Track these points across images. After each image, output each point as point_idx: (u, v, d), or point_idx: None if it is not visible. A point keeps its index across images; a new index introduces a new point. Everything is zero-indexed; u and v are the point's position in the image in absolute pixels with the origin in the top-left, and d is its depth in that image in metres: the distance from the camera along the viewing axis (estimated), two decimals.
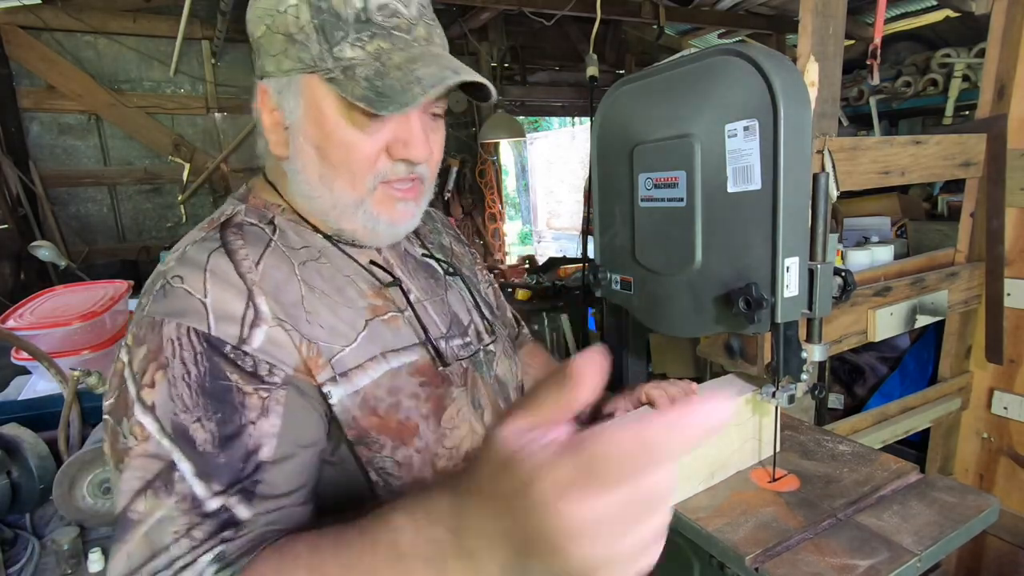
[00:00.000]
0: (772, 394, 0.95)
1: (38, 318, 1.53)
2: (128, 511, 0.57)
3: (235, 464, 0.58)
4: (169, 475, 0.57)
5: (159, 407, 0.59)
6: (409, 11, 0.68)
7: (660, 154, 0.98)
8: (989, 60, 1.54)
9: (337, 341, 0.68)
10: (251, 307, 0.64)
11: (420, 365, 0.74)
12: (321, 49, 0.65)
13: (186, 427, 0.58)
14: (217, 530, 0.56)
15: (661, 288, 1.03)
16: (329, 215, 0.73)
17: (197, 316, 0.61)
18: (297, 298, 0.67)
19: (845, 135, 1.83)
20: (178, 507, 0.56)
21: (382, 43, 0.66)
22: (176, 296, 0.63)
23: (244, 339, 0.62)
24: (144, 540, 0.56)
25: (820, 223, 0.91)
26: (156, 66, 3.82)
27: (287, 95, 0.68)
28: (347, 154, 0.68)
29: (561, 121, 10.52)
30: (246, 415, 0.60)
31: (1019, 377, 1.58)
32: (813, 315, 0.91)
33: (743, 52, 0.85)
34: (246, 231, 0.71)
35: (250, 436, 0.60)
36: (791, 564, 0.79)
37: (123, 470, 0.58)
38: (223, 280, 0.64)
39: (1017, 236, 1.54)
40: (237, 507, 0.57)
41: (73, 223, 3.74)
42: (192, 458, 0.57)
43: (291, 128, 0.70)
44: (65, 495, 1.18)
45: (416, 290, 0.81)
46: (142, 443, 0.58)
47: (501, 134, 4.33)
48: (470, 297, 0.91)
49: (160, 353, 0.60)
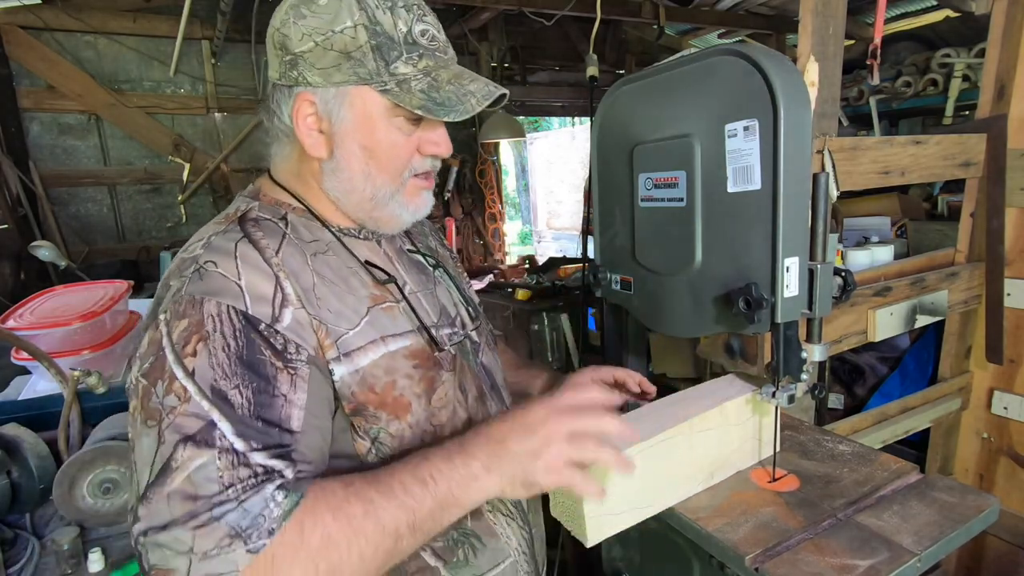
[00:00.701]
0: (772, 394, 0.95)
1: (38, 318, 1.53)
2: (171, 459, 0.62)
3: (271, 430, 0.65)
4: (210, 432, 0.63)
5: (199, 372, 0.65)
6: (441, 35, 0.82)
7: (660, 154, 0.98)
8: (989, 60, 1.54)
9: (342, 324, 0.76)
10: (279, 290, 0.73)
11: (415, 349, 0.82)
12: (378, 66, 0.76)
13: (225, 392, 0.65)
14: (266, 476, 0.63)
15: (661, 288, 1.03)
16: (364, 206, 0.84)
17: (235, 296, 0.69)
18: (310, 284, 0.76)
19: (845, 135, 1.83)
20: (221, 458, 0.62)
21: (428, 61, 0.79)
22: (213, 278, 0.70)
23: (276, 318, 0.70)
24: (187, 481, 0.61)
25: (820, 223, 0.91)
26: (156, 66, 3.82)
27: (335, 103, 0.78)
28: (392, 152, 0.81)
29: (561, 121, 10.53)
30: (278, 388, 0.67)
31: (1019, 377, 1.58)
32: (813, 315, 0.91)
33: (743, 52, 0.85)
34: (262, 225, 0.79)
35: (282, 407, 0.67)
36: (791, 564, 0.79)
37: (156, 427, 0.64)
38: (253, 266, 0.73)
39: (1017, 236, 1.54)
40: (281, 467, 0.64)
41: (73, 223, 3.74)
42: (231, 419, 0.64)
43: (337, 132, 0.79)
44: (65, 495, 1.18)
45: (411, 283, 0.90)
46: (183, 403, 0.64)
47: (501, 134, 4.34)
48: (457, 292, 0.99)
49: (202, 326, 0.67)
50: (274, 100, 0.81)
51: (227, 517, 0.60)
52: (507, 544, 0.88)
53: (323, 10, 0.75)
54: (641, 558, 1.10)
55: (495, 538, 0.87)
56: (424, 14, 0.79)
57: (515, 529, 0.90)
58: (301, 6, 0.76)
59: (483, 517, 0.86)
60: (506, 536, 0.88)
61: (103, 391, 1.42)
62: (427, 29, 0.79)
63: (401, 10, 0.77)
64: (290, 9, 0.76)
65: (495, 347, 1.04)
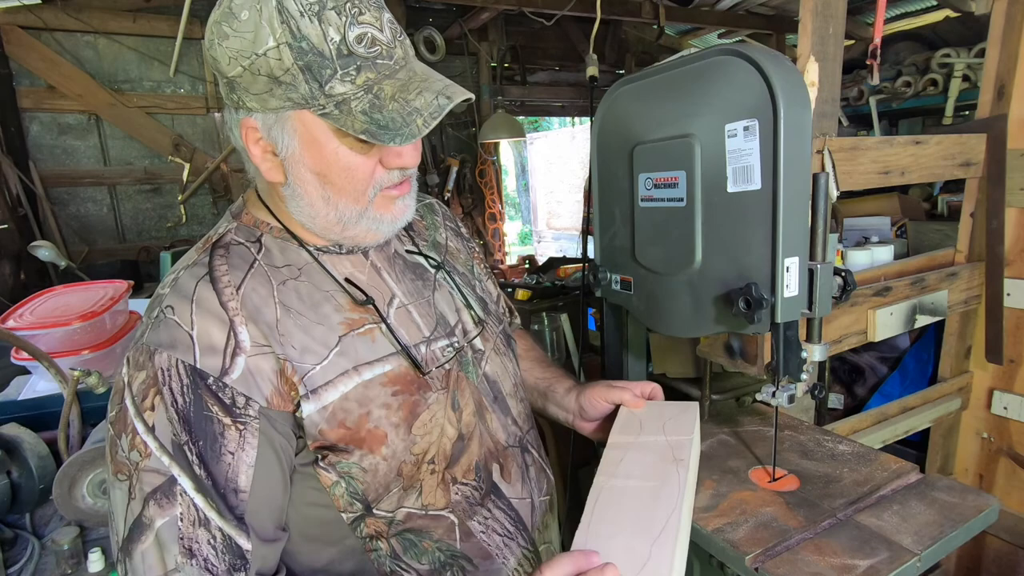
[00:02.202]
0: (772, 394, 0.95)
1: (38, 318, 1.53)
2: (141, 515, 0.64)
3: (221, 488, 0.66)
4: (171, 488, 0.64)
5: (158, 428, 0.65)
6: (384, 35, 0.69)
7: (660, 154, 0.98)
8: (989, 60, 1.54)
9: (308, 360, 0.72)
10: (232, 337, 0.69)
11: (394, 375, 0.78)
12: (311, 88, 0.67)
13: (183, 448, 0.65)
14: (230, 549, 0.65)
15: (661, 288, 1.03)
16: (332, 229, 0.78)
17: (185, 348, 0.67)
18: (274, 320, 0.72)
19: (845, 135, 1.83)
20: (183, 517, 0.64)
21: (369, 74, 0.68)
22: (168, 327, 0.69)
23: (226, 370, 0.68)
24: (155, 543, 0.64)
25: (820, 223, 0.91)
26: (156, 66, 3.82)
27: (277, 130, 0.71)
28: (349, 176, 0.73)
29: (561, 121, 10.53)
30: (226, 446, 0.67)
31: (1019, 377, 1.58)
32: (813, 315, 0.91)
33: (743, 52, 0.85)
34: (232, 252, 0.76)
35: (229, 466, 0.67)
36: (791, 564, 0.79)
37: (127, 481, 0.66)
38: (207, 310, 0.70)
39: (1017, 236, 1.54)
40: (236, 536, 0.66)
41: (73, 223, 3.73)
42: (191, 476, 0.65)
43: (287, 159, 0.72)
44: (65, 495, 1.18)
45: (401, 294, 0.85)
46: (145, 459, 0.65)
47: (501, 134, 4.33)
48: (460, 296, 0.92)
49: (156, 380, 0.66)
50: (225, 119, 0.76)
51: None
52: (504, 564, 0.85)
53: (244, 28, 0.65)
54: None
55: (489, 559, 0.83)
56: (360, 13, 0.67)
57: (514, 548, 0.86)
58: (223, 23, 0.67)
59: (473, 538, 0.83)
60: (503, 557, 0.85)
61: (103, 391, 1.42)
62: (364, 32, 0.67)
63: (331, 14, 0.65)
64: (214, 26, 0.68)
65: (507, 350, 0.98)
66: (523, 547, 0.88)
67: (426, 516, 0.80)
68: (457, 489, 0.82)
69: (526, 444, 0.94)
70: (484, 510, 0.84)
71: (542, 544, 0.92)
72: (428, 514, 0.80)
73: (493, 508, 0.85)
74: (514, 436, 0.92)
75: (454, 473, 0.82)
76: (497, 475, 0.87)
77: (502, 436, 0.89)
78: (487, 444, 0.87)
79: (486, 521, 0.84)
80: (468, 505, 0.83)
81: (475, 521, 0.83)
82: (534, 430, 0.99)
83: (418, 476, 0.79)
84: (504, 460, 0.89)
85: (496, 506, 0.86)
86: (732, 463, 1.05)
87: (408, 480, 0.78)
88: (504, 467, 0.88)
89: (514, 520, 0.87)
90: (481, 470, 0.85)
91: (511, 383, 0.95)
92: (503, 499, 0.86)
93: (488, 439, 0.87)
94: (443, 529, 0.81)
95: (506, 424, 0.91)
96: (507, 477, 0.88)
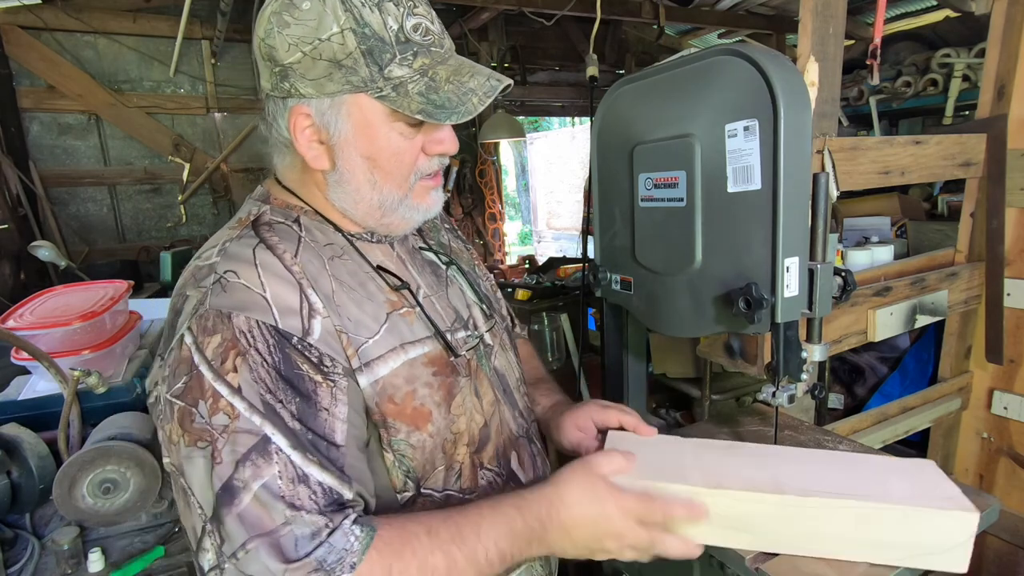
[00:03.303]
0: (772, 394, 0.95)
1: (38, 318, 1.53)
2: (232, 479, 0.62)
3: (320, 443, 0.66)
4: (266, 447, 0.63)
5: (245, 388, 0.65)
6: (436, 26, 0.76)
7: (660, 154, 0.98)
8: (989, 60, 1.54)
9: (362, 333, 0.74)
10: (304, 299, 0.71)
11: (432, 356, 0.80)
12: (371, 71, 0.71)
13: (274, 406, 0.65)
14: (330, 504, 0.64)
15: (661, 288, 1.03)
16: (372, 215, 0.81)
17: (262, 310, 0.68)
18: (329, 291, 0.74)
19: (845, 135, 1.83)
20: (282, 475, 0.63)
21: (424, 59, 0.74)
22: (237, 291, 0.69)
23: (307, 331, 0.70)
24: (255, 501, 0.62)
25: (820, 223, 0.91)
26: (156, 66, 3.82)
27: (332, 114, 0.74)
28: (397, 160, 0.77)
29: (561, 121, 10.53)
30: (320, 402, 0.68)
31: (1019, 377, 1.58)
32: (813, 315, 0.91)
33: (743, 52, 0.85)
34: (276, 228, 0.77)
35: (325, 421, 0.67)
36: (791, 564, 0.79)
37: (209, 447, 0.64)
38: (275, 274, 0.71)
39: (1017, 236, 1.54)
40: (337, 486, 0.66)
41: (73, 223, 3.74)
42: (284, 432, 0.64)
43: (337, 144, 0.76)
44: (65, 495, 1.18)
45: (424, 286, 0.88)
46: (234, 420, 0.64)
47: (501, 134, 4.33)
48: (470, 292, 0.95)
49: (236, 342, 0.66)
50: (268, 111, 0.78)
51: (316, 553, 0.61)
52: None
53: (307, 16, 0.69)
54: None
55: None
56: (415, 6, 0.73)
57: None
58: (284, 13, 0.70)
59: None
60: None
61: (103, 391, 1.42)
62: (420, 22, 0.73)
63: (390, 4, 0.71)
64: (272, 17, 0.71)
65: (511, 347, 1.00)
66: None
67: (462, 500, 0.81)
68: (483, 474, 0.85)
69: (532, 435, 0.98)
70: None
71: None
72: (465, 498, 0.82)
73: None
74: (522, 427, 0.95)
75: (481, 458, 0.85)
76: (515, 463, 0.91)
77: (513, 426, 0.93)
78: (505, 432, 0.90)
79: None
80: (492, 491, 0.85)
81: None
82: (535, 423, 1.03)
83: (457, 456, 0.82)
84: (519, 449, 0.92)
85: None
86: None
87: (450, 459, 0.81)
88: (519, 456, 0.92)
89: None
90: (502, 457, 0.88)
91: (515, 377, 0.98)
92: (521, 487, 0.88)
93: (504, 428, 0.90)
94: None
95: (515, 416, 0.94)
96: (522, 466, 0.92)
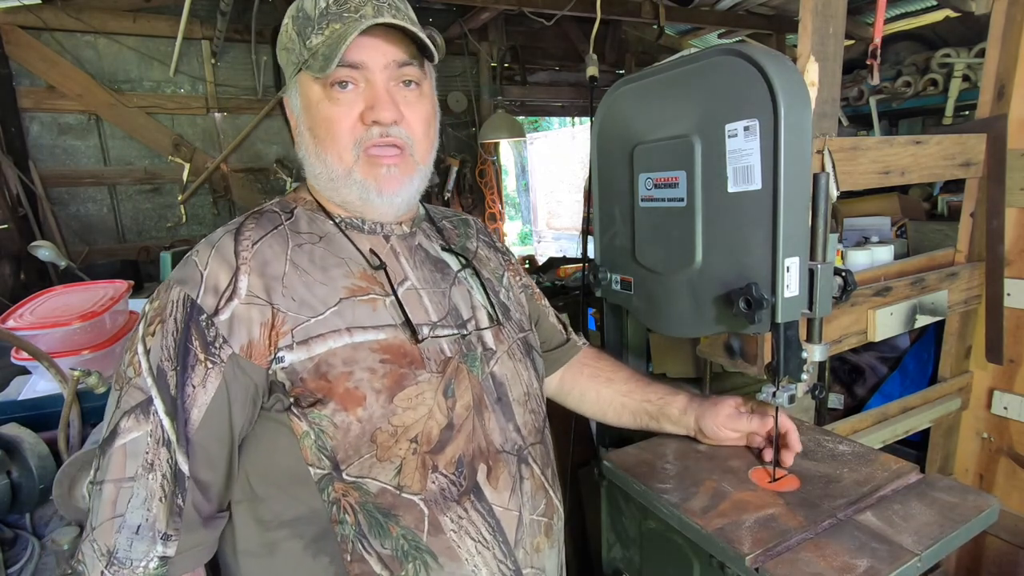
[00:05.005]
0: (772, 394, 0.95)
1: (38, 318, 1.53)
2: (119, 424, 0.74)
3: (181, 413, 0.74)
4: (148, 407, 0.73)
5: (152, 352, 0.75)
6: None
7: (660, 154, 0.98)
8: (989, 60, 1.54)
9: (304, 313, 0.78)
10: (232, 283, 0.77)
11: (387, 344, 0.81)
12: (300, 48, 0.82)
13: (165, 372, 0.74)
14: (172, 476, 0.73)
15: (661, 288, 1.04)
16: (328, 188, 0.86)
17: (193, 285, 0.76)
18: (280, 273, 0.80)
19: (845, 135, 1.83)
20: (151, 435, 0.73)
21: (335, 25, 0.80)
22: (188, 267, 0.78)
23: (218, 310, 0.75)
24: (121, 450, 0.73)
25: (820, 223, 0.91)
26: (156, 66, 3.82)
27: (292, 96, 0.86)
28: (329, 127, 0.82)
29: (561, 121, 10.53)
30: (192, 378, 0.74)
31: (1019, 377, 1.58)
32: (813, 315, 0.91)
33: (743, 52, 0.85)
34: (264, 217, 0.85)
35: (188, 396, 0.74)
36: (791, 564, 0.79)
37: (118, 392, 0.76)
38: (221, 258, 0.78)
39: (1017, 236, 1.54)
40: (180, 460, 0.73)
41: (73, 223, 3.73)
42: (164, 399, 0.73)
43: (297, 122, 0.86)
44: (65, 495, 1.18)
45: (414, 279, 0.89)
46: (136, 376, 0.75)
47: (501, 134, 4.33)
48: (480, 295, 0.95)
49: (164, 310, 0.76)
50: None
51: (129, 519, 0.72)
52: (473, 572, 0.81)
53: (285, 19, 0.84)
54: (641, 558, 1.10)
55: (456, 562, 0.80)
56: None
57: (488, 559, 0.82)
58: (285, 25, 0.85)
59: (442, 535, 0.80)
60: (472, 564, 0.81)
61: (103, 391, 1.42)
62: None
63: None
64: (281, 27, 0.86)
65: (527, 359, 0.96)
66: (500, 561, 0.83)
67: (399, 497, 0.78)
68: (435, 478, 0.80)
69: (525, 456, 0.91)
70: (460, 508, 0.81)
71: (528, 568, 0.87)
72: (402, 495, 0.78)
73: (470, 509, 0.82)
74: (513, 443, 0.89)
75: (436, 460, 0.80)
76: (482, 476, 0.84)
77: (497, 439, 0.87)
78: (478, 441, 0.85)
79: (459, 520, 0.81)
80: (443, 498, 0.80)
81: (447, 517, 0.80)
82: (542, 447, 0.95)
83: (396, 451, 0.78)
84: (494, 463, 0.86)
85: (474, 508, 0.82)
86: (732, 463, 1.05)
87: (383, 451, 0.78)
88: (492, 471, 0.85)
89: (492, 529, 0.83)
90: (464, 466, 0.83)
91: (522, 391, 0.93)
92: (484, 503, 0.83)
93: (481, 437, 0.85)
94: (412, 517, 0.79)
95: (506, 428, 0.88)
96: (493, 482, 0.85)
